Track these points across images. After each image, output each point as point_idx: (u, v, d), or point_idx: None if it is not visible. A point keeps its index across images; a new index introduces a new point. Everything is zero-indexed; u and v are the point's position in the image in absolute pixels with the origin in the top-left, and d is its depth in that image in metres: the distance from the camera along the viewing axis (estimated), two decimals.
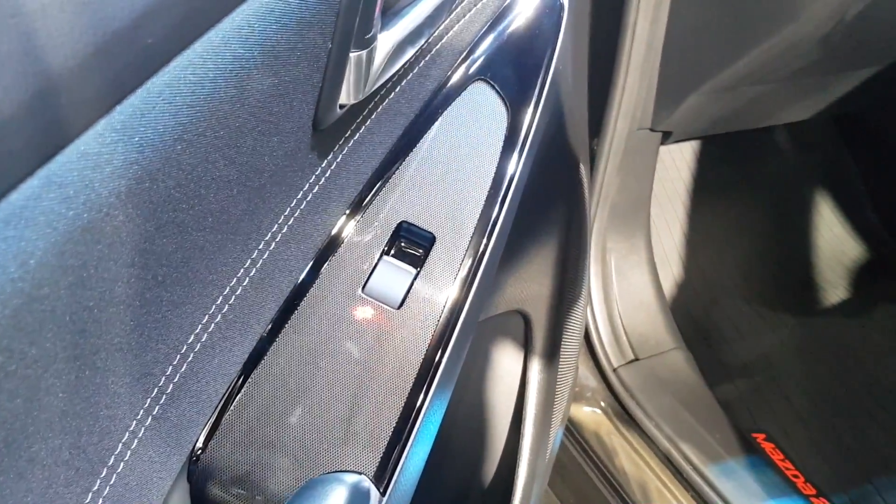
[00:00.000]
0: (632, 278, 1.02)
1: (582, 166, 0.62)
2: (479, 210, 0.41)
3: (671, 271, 1.15)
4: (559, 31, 0.51)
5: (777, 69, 0.82)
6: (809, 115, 1.03)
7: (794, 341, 1.17)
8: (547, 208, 0.59)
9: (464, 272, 0.40)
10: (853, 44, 0.80)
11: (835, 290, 1.24)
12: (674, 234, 1.15)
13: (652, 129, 0.91)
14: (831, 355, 1.16)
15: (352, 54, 0.33)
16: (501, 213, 0.44)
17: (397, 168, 0.40)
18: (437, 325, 0.38)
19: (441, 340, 0.38)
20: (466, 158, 0.41)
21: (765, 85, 0.87)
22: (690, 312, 1.15)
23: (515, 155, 0.46)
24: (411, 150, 0.40)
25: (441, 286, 0.38)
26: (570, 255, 0.63)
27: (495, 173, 0.42)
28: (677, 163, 1.15)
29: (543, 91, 0.49)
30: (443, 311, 0.39)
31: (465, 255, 0.40)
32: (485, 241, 0.42)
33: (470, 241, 0.40)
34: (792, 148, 1.25)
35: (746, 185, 1.22)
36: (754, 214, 1.22)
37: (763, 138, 1.16)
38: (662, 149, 1.03)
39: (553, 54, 0.50)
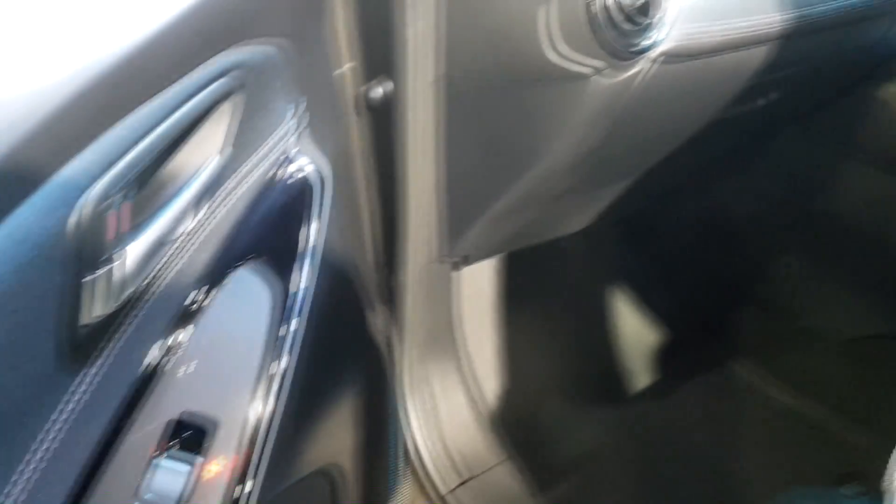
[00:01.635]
0: (454, 400, 1.05)
1: (371, 313, 0.65)
2: (258, 389, 0.42)
3: (493, 384, 1.20)
4: (319, 206, 0.54)
5: (543, 194, 0.91)
6: (588, 222, 1.13)
7: (615, 430, 1.25)
8: (339, 363, 0.61)
9: (245, 454, 0.41)
10: (599, 168, 0.91)
11: (642, 374, 1.33)
12: (491, 348, 1.21)
13: (448, 258, 0.97)
14: (651, 436, 1.25)
15: (87, 279, 0.34)
16: (284, 384, 0.46)
17: (166, 364, 0.41)
18: None
19: None
20: (237, 342, 0.43)
21: (540, 206, 0.96)
22: (519, 421, 1.19)
23: (293, 324, 0.48)
24: (179, 348, 0.41)
25: (223, 474, 0.39)
26: (372, 402, 0.65)
27: (269, 347, 0.44)
28: (483, 280, 1.22)
29: (305, 264, 0.52)
30: (232, 496, 0.40)
31: (246, 436, 0.41)
32: (266, 420, 0.43)
33: (250, 421, 0.41)
34: (583, 251, 1.36)
35: (549, 291, 1.31)
36: (561, 317, 1.31)
37: (555, 246, 1.26)
38: (468, 269, 1.09)
39: (315, 228, 0.53)
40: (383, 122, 0.85)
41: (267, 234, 0.50)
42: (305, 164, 0.58)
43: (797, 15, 0.85)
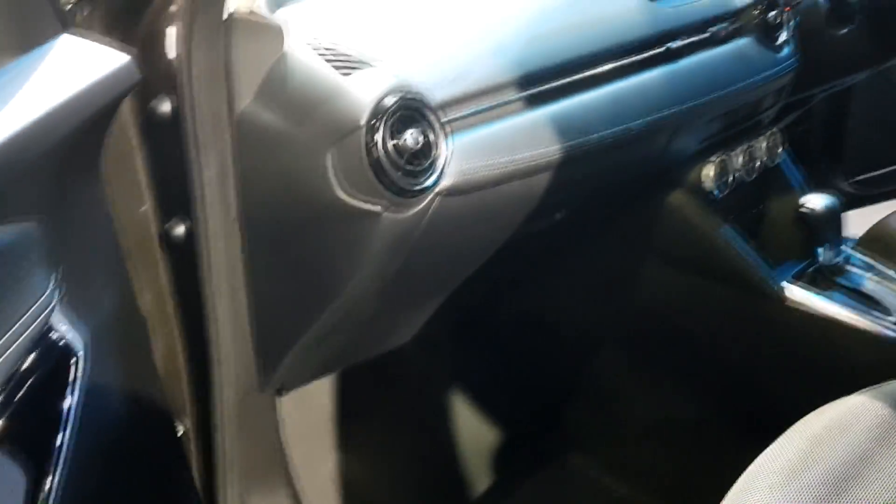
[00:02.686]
0: None
1: (176, 461, 0.63)
2: None
3: None
4: (74, 380, 0.53)
5: (353, 319, 0.92)
6: (411, 335, 1.15)
7: None
8: None
9: None
10: (408, 290, 0.93)
11: (483, 475, 1.35)
12: (326, 472, 1.19)
13: (265, 388, 0.96)
14: None
15: None
16: None
17: None
18: None
19: None
20: None
21: (354, 329, 0.97)
22: None
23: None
24: None
25: None
26: None
27: None
28: (314, 401, 1.21)
29: (64, 447, 0.50)
30: None
31: None
32: None
33: None
34: (417, 356, 1.38)
35: (386, 401, 1.31)
36: (399, 428, 1.31)
37: (390, 354, 1.27)
38: (296, 393, 1.08)
39: (72, 400, 0.52)
40: (186, 259, 0.85)
41: (23, 410, 0.48)
42: (65, 331, 0.57)
43: (580, 142, 0.92)
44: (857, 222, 1.41)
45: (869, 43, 1.27)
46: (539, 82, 0.90)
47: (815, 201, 1.11)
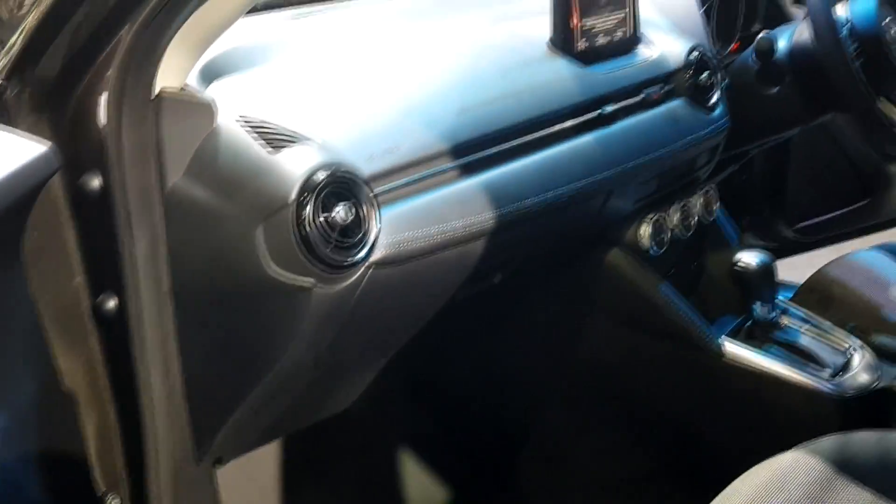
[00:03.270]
0: None
1: None
2: None
3: None
4: None
5: (290, 388, 0.92)
6: (353, 399, 1.15)
7: None
8: None
9: None
10: (346, 358, 0.93)
11: None
12: None
13: (203, 459, 0.95)
14: None
15: None
16: None
17: None
18: None
19: None
20: None
21: (293, 397, 0.96)
22: None
23: None
24: None
25: None
26: None
27: None
28: (257, 468, 1.20)
29: None
30: None
31: None
32: None
33: None
34: (366, 416, 1.37)
35: (333, 463, 1.30)
36: (347, 491, 1.30)
37: (335, 418, 1.26)
38: (239, 461, 1.06)
39: None
40: (118, 333, 0.84)
41: None
42: None
43: (513, 208, 0.93)
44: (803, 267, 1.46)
45: (798, 102, 1.31)
46: (471, 152, 0.92)
47: (749, 258, 1.14)
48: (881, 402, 1.11)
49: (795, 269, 1.45)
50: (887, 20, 1.27)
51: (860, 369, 1.11)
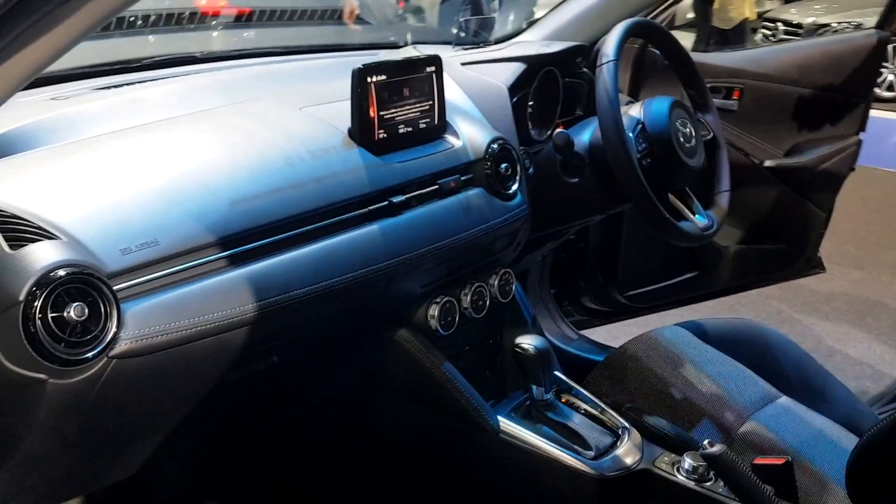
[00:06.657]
0: None
1: None
2: None
3: None
4: None
5: (49, 467, 0.93)
6: (139, 466, 1.16)
7: None
8: None
9: None
10: (106, 438, 0.95)
11: None
12: None
13: None
14: None
15: None
16: None
17: None
18: None
19: None
20: None
21: (55, 474, 0.97)
22: None
23: None
24: None
25: None
26: None
27: None
28: None
29: None
30: None
31: None
32: None
33: None
34: (178, 472, 1.38)
35: None
36: None
37: (141, 473, 1.26)
38: None
39: None
40: None
41: None
42: None
43: (280, 298, 0.97)
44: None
45: (597, 192, 1.40)
46: (239, 244, 0.95)
47: (527, 343, 1.20)
48: (641, 482, 1.18)
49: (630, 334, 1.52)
50: (678, 122, 1.37)
51: (623, 451, 1.19)
